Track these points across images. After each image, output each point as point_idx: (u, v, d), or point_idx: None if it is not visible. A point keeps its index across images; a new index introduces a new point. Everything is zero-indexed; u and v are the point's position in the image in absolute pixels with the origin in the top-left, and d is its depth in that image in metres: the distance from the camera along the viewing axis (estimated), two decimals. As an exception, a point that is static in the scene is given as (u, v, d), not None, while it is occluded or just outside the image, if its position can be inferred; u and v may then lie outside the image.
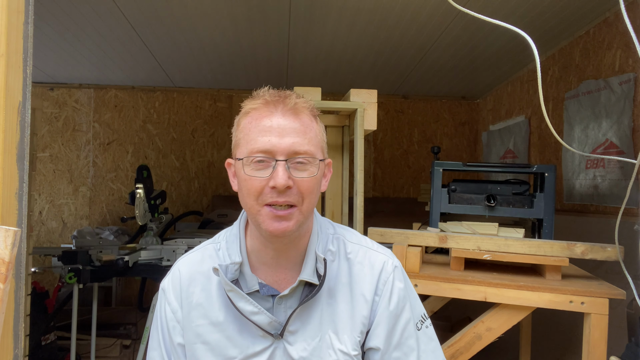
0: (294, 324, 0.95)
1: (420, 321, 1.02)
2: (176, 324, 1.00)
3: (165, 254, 2.91)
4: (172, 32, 2.93)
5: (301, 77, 3.95)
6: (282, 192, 0.88)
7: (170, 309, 1.01)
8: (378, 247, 1.05)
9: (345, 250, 1.02)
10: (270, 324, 0.93)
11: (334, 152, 2.36)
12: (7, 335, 0.98)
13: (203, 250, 1.04)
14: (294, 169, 0.89)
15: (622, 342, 1.46)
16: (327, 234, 1.03)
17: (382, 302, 0.98)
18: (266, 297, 0.97)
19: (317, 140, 0.93)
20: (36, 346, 2.80)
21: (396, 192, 4.68)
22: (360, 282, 0.98)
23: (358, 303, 0.97)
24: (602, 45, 2.52)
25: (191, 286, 1.00)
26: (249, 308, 0.92)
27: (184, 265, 1.03)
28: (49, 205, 4.45)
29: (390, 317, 0.97)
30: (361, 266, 1.00)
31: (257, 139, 0.89)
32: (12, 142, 0.99)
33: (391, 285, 0.99)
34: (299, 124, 0.91)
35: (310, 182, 0.90)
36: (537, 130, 3.31)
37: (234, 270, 0.96)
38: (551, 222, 1.86)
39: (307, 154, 0.90)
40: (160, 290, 1.04)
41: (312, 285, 0.95)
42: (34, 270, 3.32)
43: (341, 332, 0.96)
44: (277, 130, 0.89)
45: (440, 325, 3.08)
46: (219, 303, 0.98)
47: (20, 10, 1.00)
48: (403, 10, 2.53)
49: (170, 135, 4.55)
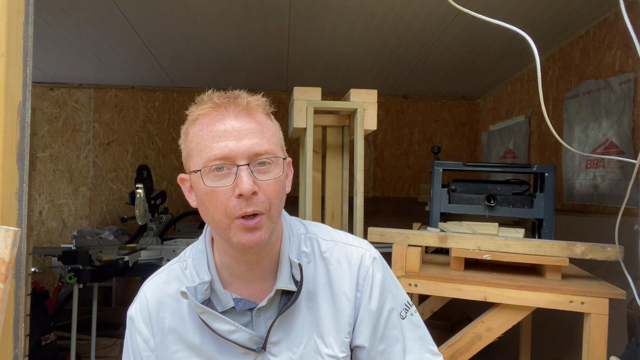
0: (275, 334, 0.90)
1: (404, 309, 0.99)
2: (150, 354, 0.93)
3: (165, 254, 2.91)
4: (172, 32, 2.93)
5: (301, 77, 3.95)
6: (248, 199, 0.81)
7: (141, 338, 0.94)
8: (353, 241, 1.00)
9: (320, 250, 0.97)
10: (250, 339, 0.88)
11: (334, 152, 2.36)
12: (7, 335, 0.98)
13: (169, 271, 0.97)
14: (258, 173, 0.83)
15: (622, 342, 1.46)
16: (299, 234, 0.98)
17: (364, 298, 0.94)
18: (244, 312, 0.91)
19: (275, 138, 0.88)
20: (36, 346, 2.80)
21: (396, 192, 4.68)
22: (340, 281, 0.94)
23: (340, 303, 0.94)
24: (602, 45, 2.52)
25: (160, 312, 0.93)
26: (225, 328, 0.87)
27: (149, 290, 0.96)
28: (49, 205, 4.45)
29: (372, 313, 0.94)
30: (338, 264, 0.95)
31: (211, 145, 0.82)
32: (12, 142, 0.99)
33: (371, 279, 0.95)
34: (255, 124, 0.84)
35: (275, 185, 0.84)
36: (537, 130, 3.31)
37: (204, 290, 0.90)
38: (551, 222, 1.86)
39: (269, 153, 0.84)
40: (128, 319, 0.97)
41: (290, 292, 0.90)
42: (34, 270, 3.33)
43: (326, 335, 0.92)
44: (232, 134, 0.82)
45: (440, 325, 3.09)
46: (193, 326, 0.92)
47: (20, 10, 1.00)
48: (403, 10, 2.53)
49: (170, 135, 4.55)
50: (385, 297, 0.96)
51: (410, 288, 1.65)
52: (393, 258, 1.67)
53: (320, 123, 2.30)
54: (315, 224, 1.04)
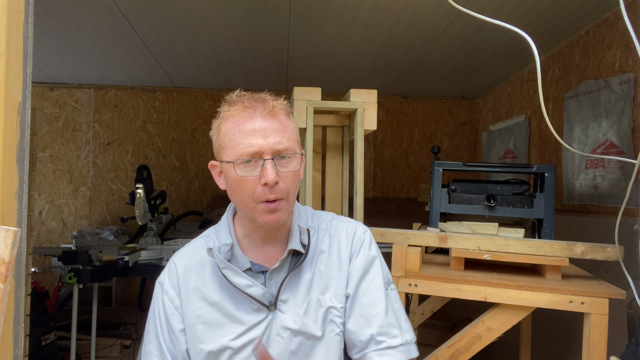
0: (284, 293, 1.05)
1: (387, 283, 1.12)
2: (174, 311, 1.07)
3: (165, 254, 2.91)
4: (172, 32, 2.93)
5: (301, 77, 3.95)
6: (272, 187, 0.97)
7: (168, 299, 1.08)
8: (350, 220, 1.19)
9: (324, 224, 1.15)
10: (263, 295, 1.03)
11: (334, 152, 2.36)
12: (7, 335, 0.98)
13: (194, 244, 1.14)
14: (279, 166, 0.99)
15: (622, 342, 1.46)
16: (306, 214, 1.16)
17: (354, 256, 1.11)
18: (257, 274, 1.06)
19: (294, 136, 1.04)
20: (36, 346, 2.80)
21: (396, 192, 4.68)
22: (338, 246, 1.11)
23: (339, 263, 1.09)
24: (602, 45, 2.52)
25: (186, 274, 1.09)
26: (243, 282, 1.02)
27: (178, 258, 1.12)
28: (49, 205, 4.45)
29: (360, 268, 1.10)
30: (337, 232, 1.13)
31: (243, 142, 0.98)
32: (12, 142, 0.99)
33: (361, 243, 1.12)
34: (278, 124, 1.00)
35: (293, 176, 1.01)
36: (537, 130, 3.31)
37: (226, 251, 1.06)
38: (551, 222, 1.86)
39: (289, 149, 1.00)
40: (157, 285, 1.12)
41: (299, 255, 1.07)
42: (34, 270, 3.32)
43: (327, 291, 1.07)
44: (260, 132, 0.98)
45: (440, 325, 3.08)
46: (213, 285, 1.06)
47: (20, 10, 1.00)
48: (403, 10, 2.53)
49: (170, 135, 4.55)
50: (373, 261, 1.12)
51: (410, 288, 1.65)
52: (393, 258, 1.67)
53: (320, 123, 2.30)
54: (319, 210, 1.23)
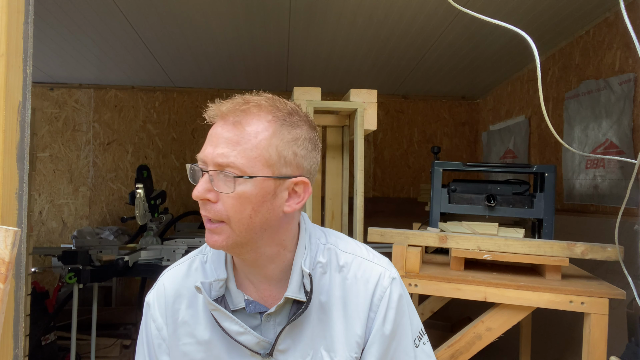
0: (283, 342, 0.89)
1: (417, 337, 0.96)
2: (162, 342, 0.95)
3: (165, 254, 2.91)
4: (172, 32, 2.93)
5: (301, 77, 3.95)
6: (204, 205, 0.83)
7: (155, 326, 0.95)
8: (374, 257, 0.97)
9: (338, 262, 0.94)
10: (258, 344, 0.88)
11: (334, 152, 2.36)
12: (7, 335, 0.98)
13: (190, 263, 0.98)
14: (222, 182, 0.81)
15: (622, 342, 1.46)
16: (318, 244, 0.95)
17: (378, 319, 0.91)
18: (254, 315, 0.91)
19: (254, 153, 0.81)
20: (36, 346, 2.80)
21: (396, 192, 4.68)
22: (354, 297, 0.92)
23: (352, 320, 0.91)
24: (602, 45, 2.52)
25: (176, 303, 0.95)
26: (234, 328, 0.87)
27: (169, 280, 0.97)
28: (49, 205, 4.45)
29: (385, 337, 0.91)
30: (355, 279, 0.93)
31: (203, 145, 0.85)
32: (12, 142, 0.99)
33: (387, 301, 0.91)
34: (235, 134, 0.81)
35: (233, 200, 0.81)
36: (537, 130, 3.31)
37: (218, 287, 0.90)
38: (551, 222, 1.86)
39: (232, 166, 0.80)
40: (145, 304, 0.99)
41: (302, 301, 0.89)
42: (34, 270, 3.33)
43: (334, 350, 0.90)
44: (213, 139, 0.83)
45: (440, 325, 3.09)
46: (205, 321, 0.92)
47: (20, 10, 1.00)
48: (403, 10, 2.53)
49: (170, 135, 4.55)
50: (400, 321, 0.93)
51: (410, 288, 1.65)
52: (393, 258, 1.67)
53: (320, 123, 2.30)
54: (337, 234, 1.01)
